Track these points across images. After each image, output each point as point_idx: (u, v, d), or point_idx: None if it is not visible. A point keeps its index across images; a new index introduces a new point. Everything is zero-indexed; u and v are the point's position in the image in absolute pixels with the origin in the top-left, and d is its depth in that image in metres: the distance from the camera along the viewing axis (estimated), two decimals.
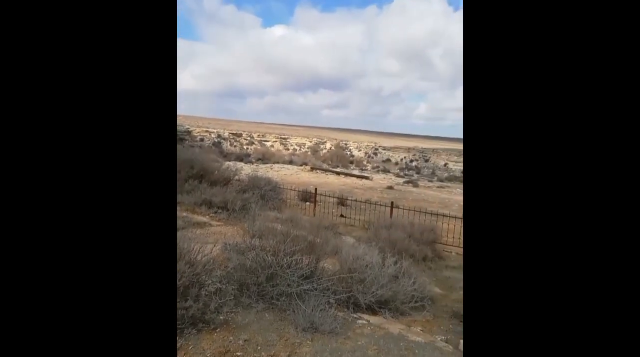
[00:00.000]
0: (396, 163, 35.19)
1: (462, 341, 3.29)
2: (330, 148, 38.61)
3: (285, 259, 3.57)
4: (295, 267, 3.58)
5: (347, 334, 3.00)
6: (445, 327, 3.69)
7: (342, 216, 9.04)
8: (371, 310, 3.66)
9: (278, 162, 23.18)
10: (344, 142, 43.55)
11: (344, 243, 5.19)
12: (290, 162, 23.60)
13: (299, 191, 10.11)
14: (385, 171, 26.10)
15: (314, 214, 8.65)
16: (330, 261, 4.33)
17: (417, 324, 3.65)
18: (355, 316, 3.44)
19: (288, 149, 36.94)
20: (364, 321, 3.33)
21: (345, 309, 3.53)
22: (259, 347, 2.66)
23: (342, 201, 10.14)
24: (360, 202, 9.32)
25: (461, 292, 4.73)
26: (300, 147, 38.78)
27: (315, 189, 9.75)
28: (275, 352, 2.63)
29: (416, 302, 3.92)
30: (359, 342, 2.86)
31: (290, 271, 3.50)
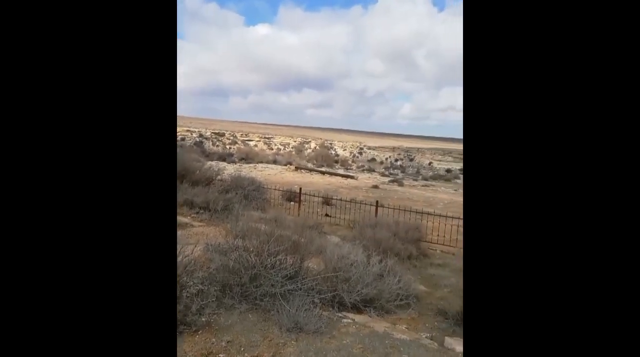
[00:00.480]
0: (381, 162, 35.41)
1: (447, 338, 3.30)
2: (315, 148, 38.58)
3: (269, 259, 3.52)
4: (279, 267, 3.53)
5: (332, 333, 2.96)
6: (430, 324, 3.70)
7: (327, 215, 9.02)
8: (356, 309, 3.64)
9: (262, 162, 23.02)
10: (328, 142, 43.58)
11: (329, 242, 5.16)
12: (275, 162, 23.48)
13: (283, 191, 10.04)
14: (371, 170, 26.23)
15: (299, 214, 8.60)
16: (315, 261, 4.29)
17: (403, 322, 3.65)
18: (340, 315, 3.41)
19: (272, 149, 36.76)
20: (349, 320, 3.31)
21: (330, 309, 3.50)
22: (242, 349, 2.60)
23: (327, 201, 10.12)
24: (346, 201, 9.31)
25: (445, 290, 4.76)
26: (285, 147, 38.64)
27: (300, 188, 9.70)
28: (259, 353, 2.58)
29: (401, 300, 3.92)
30: (344, 341, 2.84)
31: (274, 271, 3.45)
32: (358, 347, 2.77)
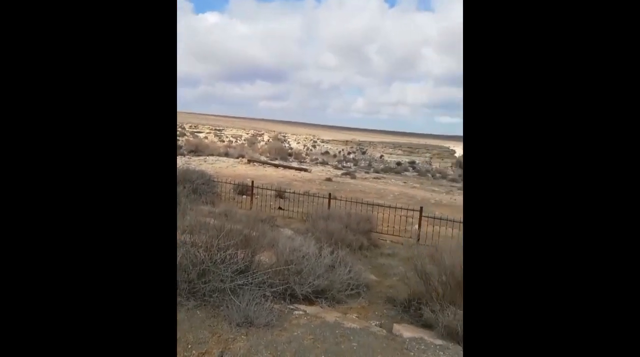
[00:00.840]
0: (334, 155, 35.82)
1: (395, 325, 3.42)
2: (269, 140, 38.17)
3: (218, 255, 3.43)
4: (230, 262, 3.46)
5: (284, 325, 2.96)
6: (380, 312, 3.82)
7: (280, 208, 8.97)
8: (308, 300, 3.66)
9: (212, 155, 22.36)
10: (282, 135, 43.30)
11: (282, 235, 5.13)
12: (226, 155, 22.92)
13: (235, 184, 9.83)
14: (324, 163, 26.45)
15: (251, 208, 8.48)
16: (267, 254, 4.25)
17: (353, 311, 3.73)
18: (292, 307, 3.42)
19: (223, 141, 35.83)
20: (300, 312, 3.32)
21: (282, 301, 3.49)
22: (189, 346, 2.52)
23: (280, 194, 10.06)
24: (299, 194, 9.32)
25: (394, 279, 4.93)
26: (237, 139, 37.83)
27: (252, 181, 9.56)
28: (208, 349, 2.51)
29: (352, 290, 4.00)
30: (295, 333, 2.85)
31: (223, 267, 3.37)
32: (309, 338, 2.79)
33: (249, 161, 20.68)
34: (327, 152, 37.85)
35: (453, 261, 3.80)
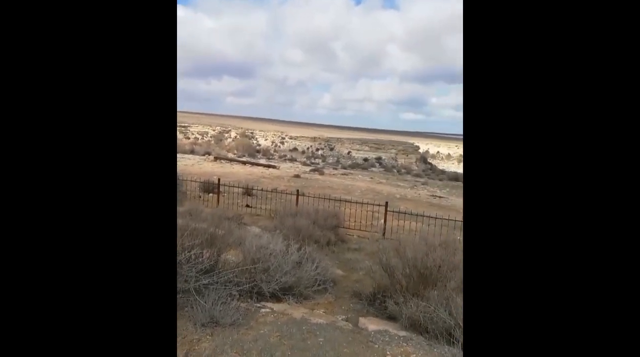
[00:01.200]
0: (303, 152, 35.80)
1: (361, 318, 3.50)
2: (236, 137, 37.57)
3: (182, 255, 3.37)
4: (194, 262, 3.41)
5: (250, 324, 2.96)
6: (346, 307, 3.89)
7: (247, 206, 8.89)
8: (275, 298, 3.67)
9: (178, 152, 21.76)
10: (249, 131, 42.75)
11: (249, 233, 5.10)
12: (192, 152, 22.37)
13: (201, 182, 9.64)
14: (292, 160, 26.39)
15: (218, 206, 8.34)
16: (234, 253, 4.22)
17: (320, 307, 3.78)
18: (258, 305, 3.42)
19: (189, 138, 34.92)
20: (267, 309, 3.33)
21: (249, 300, 3.48)
22: None
23: (248, 191, 9.96)
24: (267, 191, 9.27)
25: (361, 273, 5.03)
26: (203, 136, 36.98)
27: (219, 179, 9.40)
28: None
29: (319, 285, 4.05)
30: (262, 331, 2.85)
31: (188, 267, 3.32)
32: (275, 335, 2.81)
33: (216, 159, 20.28)
34: (295, 149, 37.77)
35: (415, 254, 3.93)
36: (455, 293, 3.30)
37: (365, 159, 31.65)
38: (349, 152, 37.29)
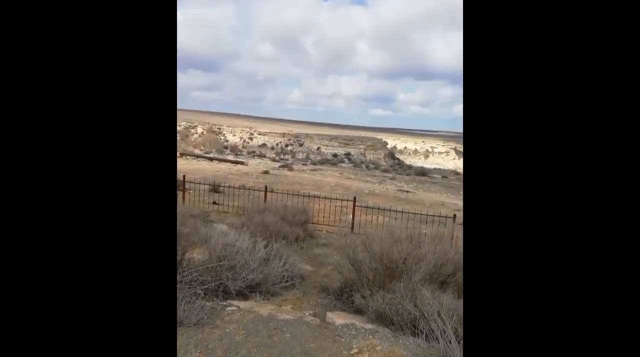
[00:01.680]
0: (272, 148, 35.52)
1: (328, 313, 3.52)
2: (203, 133, 36.72)
3: None
4: None
5: (215, 323, 2.90)
6: (314, 302, 3.90)
7: (215, 203, 8.71)
8: (242, 295, 3.62)
9: None
10: (217, 127, 41.91)
11: (215, 231, 4.99)
12: None
13: None
14: (261, 156, 26.14)
15: (183, 203, 8.12)
16: (199, 251, 4.12)
17: (288, 303, 3.77)
18: (224, 303, 3.36)
19: None
20: (234, 307, 3.28)
21: (215, 298, 3.42)
22: None
23: (215, 188, 9.76)
24: (235, 188, 9.12)
25: (329, 267, 5.06)
26: None
27: (184, 176, 9.15)
28: None
29: (287, 281, 4.04)
30: (227, 329, 2.81)
31: None
32: (241, 333, 2.77)
33: (182, 155, 19.74)
34: (264, 145, 37.41)
35: (382, 247, 3.99)
36: (420, 285, 3.38)
37: (335, 155, 31.84)
38: (318, 148, 37.36)
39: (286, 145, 37.72)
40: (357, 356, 2.59)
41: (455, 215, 7.45)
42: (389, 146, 38.64)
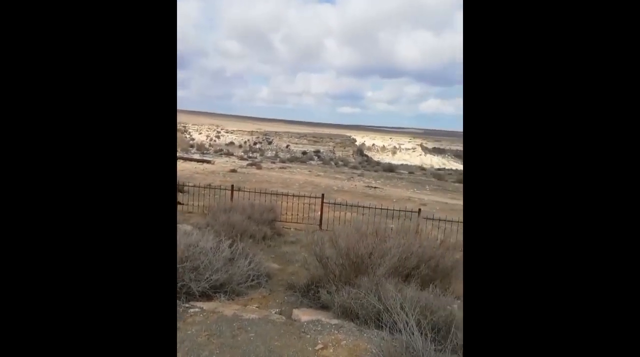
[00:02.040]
0: (240, 146, 35.02)
1: (294, 310, 3.50)
2: None
3: None
4: None
5: (177, 325, 2.81)
6: (280, 300, 3.87)
7: (179, 203, 8.47)
8: (206, 296, 3.54)
9: None
10: (182, 125, 40.82)
11: (178, 231, 4.85)
12: None
13: None
14: (229, 154, 25.71)
15: None
16: None
17: (254, 302, 3.71)
18: (187, 305, 3.27)
19: None
20: (196, 309, 3.19)
21: (177, 301, 3.31)
22: None
23: (179, 188, 9.49)
24: (200, 187, 8.90)
25: (296, 265, 5.04)
26: None
27: None
28: None
29: (252, 280, 3.98)
30: (189, 332, 2.73)
31: None
32: (204, 334, 2.70)
33: None
34: (232, 143, 36.81)
35: (348, 243, 4.01)
36: (384, 278, 3.43)
37: (304, 152, 31.81)
38: (287, 146, 37.18)
39: (255, 144, 37.29)
40: (322, 351, 2.59)
41: (420, 209, 7.63)
42: (357, 143, 39.05)
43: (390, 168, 30.54)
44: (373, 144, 62.32)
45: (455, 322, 2.76)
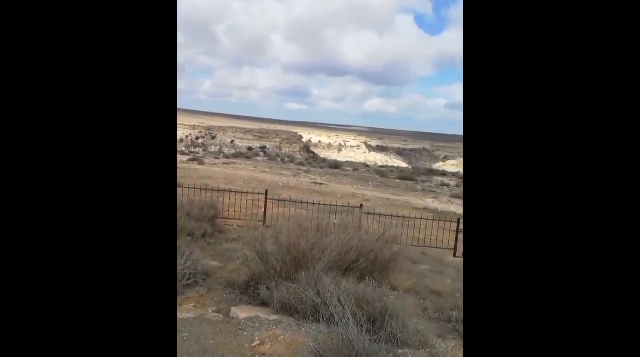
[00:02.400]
0: (181, 140, 33.57)
1: (233, 308, 3.42)
2: None
3: None
4: None
5: None
6: (219, 298, 3.77)
7: None
8: None
9: None
10: None
11: None
12: None
13: None
14: None
15: None
16: None
17: (190, 301, 3.58)
18: None
19: None
20: None
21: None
22: None
23: None
24: None
25: (237, 262, 4.93)
26: None
27: None
28: None
29: (189, 279, 3.83)
30: None
31: None
32: None
33: None
34: None
35: (289, 238, 4.00)
36: (324, 273, 3.46)
37: (250, 148, 31.29)
38: (232, 141, 36.32)
39: (197, 138, 35.95)
40: (259, 347, 2.56)
41: (362, 205, 7.83)
42: (304, 140, 39.21)
43: (335, 165, 31.05)
44: (319, 141, 62.93)
45: (389, 312, 2.86)
